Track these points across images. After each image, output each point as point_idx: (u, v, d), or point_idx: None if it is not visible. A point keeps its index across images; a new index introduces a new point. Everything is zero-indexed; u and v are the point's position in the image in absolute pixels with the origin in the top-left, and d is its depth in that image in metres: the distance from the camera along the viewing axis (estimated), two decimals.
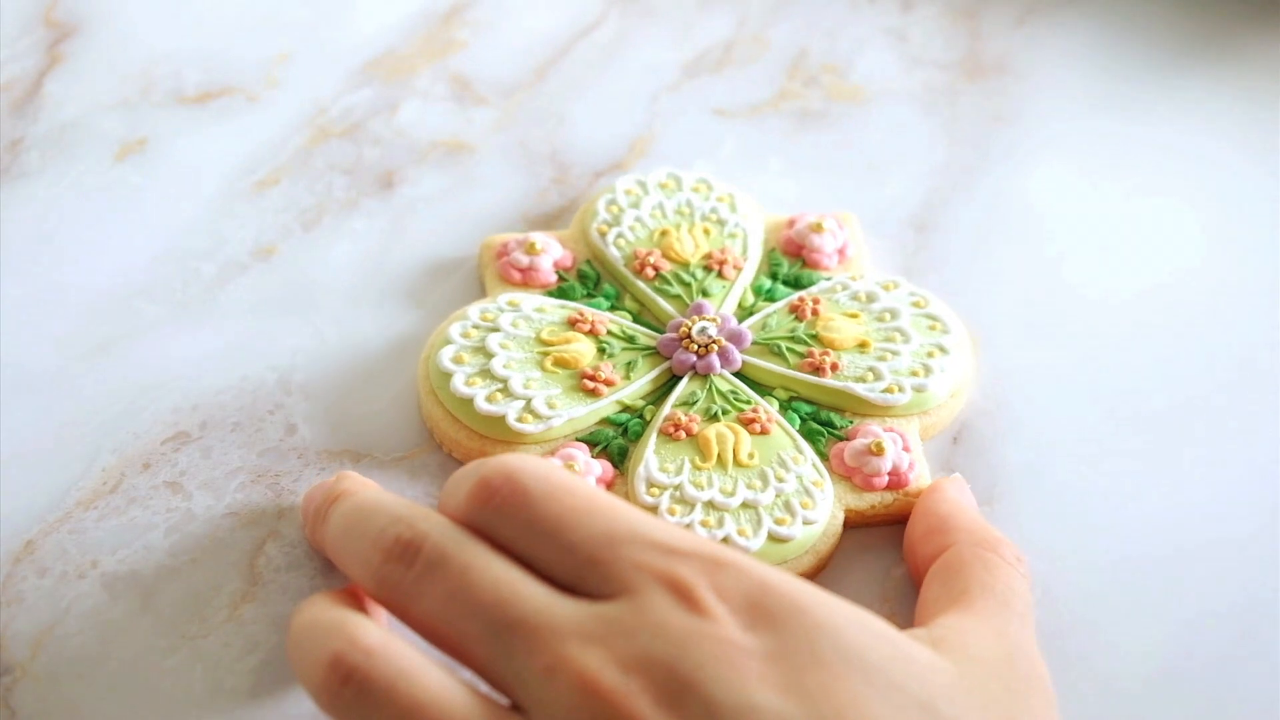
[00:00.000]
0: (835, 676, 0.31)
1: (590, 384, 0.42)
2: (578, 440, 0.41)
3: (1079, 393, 0.44)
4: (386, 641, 0.32)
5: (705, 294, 0.44)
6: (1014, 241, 0.48)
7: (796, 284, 0.45)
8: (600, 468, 0.40)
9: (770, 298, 0.45)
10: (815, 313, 0.44)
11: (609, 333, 0.43)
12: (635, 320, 0.44)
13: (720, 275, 0.45)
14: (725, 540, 0.39)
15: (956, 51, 0.54)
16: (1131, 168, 0.51)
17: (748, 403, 0.42)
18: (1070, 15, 0.56)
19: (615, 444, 0.41)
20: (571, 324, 0.43)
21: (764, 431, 0.41)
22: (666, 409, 0.42)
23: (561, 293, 0.45)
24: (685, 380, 0.42)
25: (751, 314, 0.44)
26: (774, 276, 0.45)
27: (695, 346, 0.43)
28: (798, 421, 0.42)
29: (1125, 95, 0.53)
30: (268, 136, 0.50)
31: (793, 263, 0.46)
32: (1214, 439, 0.43)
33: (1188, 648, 0.38)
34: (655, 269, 0.45)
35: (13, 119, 0.50)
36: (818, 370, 0.42)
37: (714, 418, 0.41)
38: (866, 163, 0.51)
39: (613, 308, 0.44)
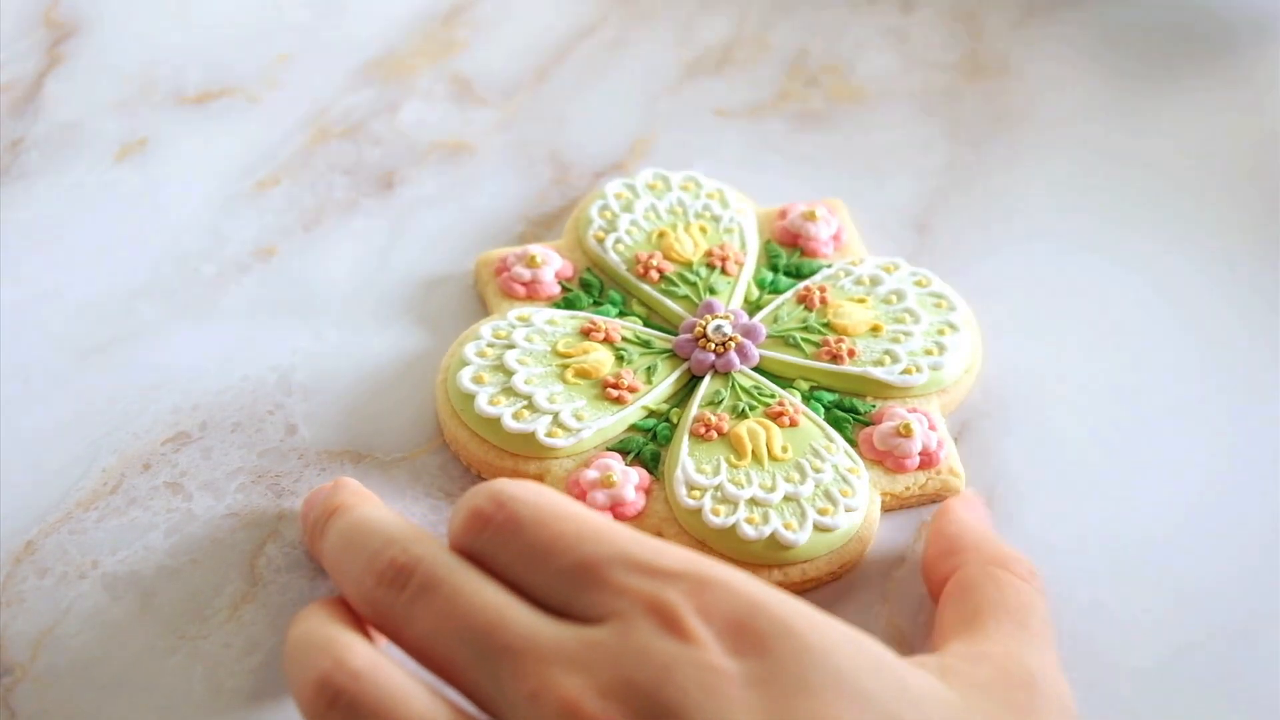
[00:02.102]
0: (823, 704, 0.30)
1: (614, 392, 0.42)
2: (609, 450, 0.41)
3: (1079, 392, 0.44)
4: (374, 663, 0.32)
5: (712, 291, 0.44)
6: (1014, 242, 0.48)
7: (798, 274, 0.45)
8: (637, 475, 0.40)
9: (775, 290, 0.45)
10: (824, 301, 0.44)
11: (624, 339, 0.43)
12: (645, 324, 0.44)
13: (724, 272, 0.45)
14: (772, 536, 0.39)
15: (956, 52, 0.54)
16: (1131, 168, 0.51)
17: (772, 396, 0.42)
18: (1070, 16, 0.56)
19: (647, 450, 0.41)
20: (585, 334, 0.43)
21: (793, 424, 0.41)
22: (694, 410, 0.41)
23: (568, 303, 0.44)
24: (707, 380, 0.42)
25: (759, 308, 0.44)
26: (774, 268, 0.46)
27: (712, 345, 0.43)
28: (822, 411, 0.42)
29: (1125, 95, 0.53)
30: (268, 137, 0.50)
31: (790, 253, 0.46)
32: (1214, 437, 0.43)
33: (1190, 645, 0.38)
34: (659, 271, 0.45)
35: (13, 119, 0.50)
36: (836, 358, 0.42)
37: (742, 415, 0.41)
38: (867, 163, 0.51)
39: (621, 313, 0.44)
